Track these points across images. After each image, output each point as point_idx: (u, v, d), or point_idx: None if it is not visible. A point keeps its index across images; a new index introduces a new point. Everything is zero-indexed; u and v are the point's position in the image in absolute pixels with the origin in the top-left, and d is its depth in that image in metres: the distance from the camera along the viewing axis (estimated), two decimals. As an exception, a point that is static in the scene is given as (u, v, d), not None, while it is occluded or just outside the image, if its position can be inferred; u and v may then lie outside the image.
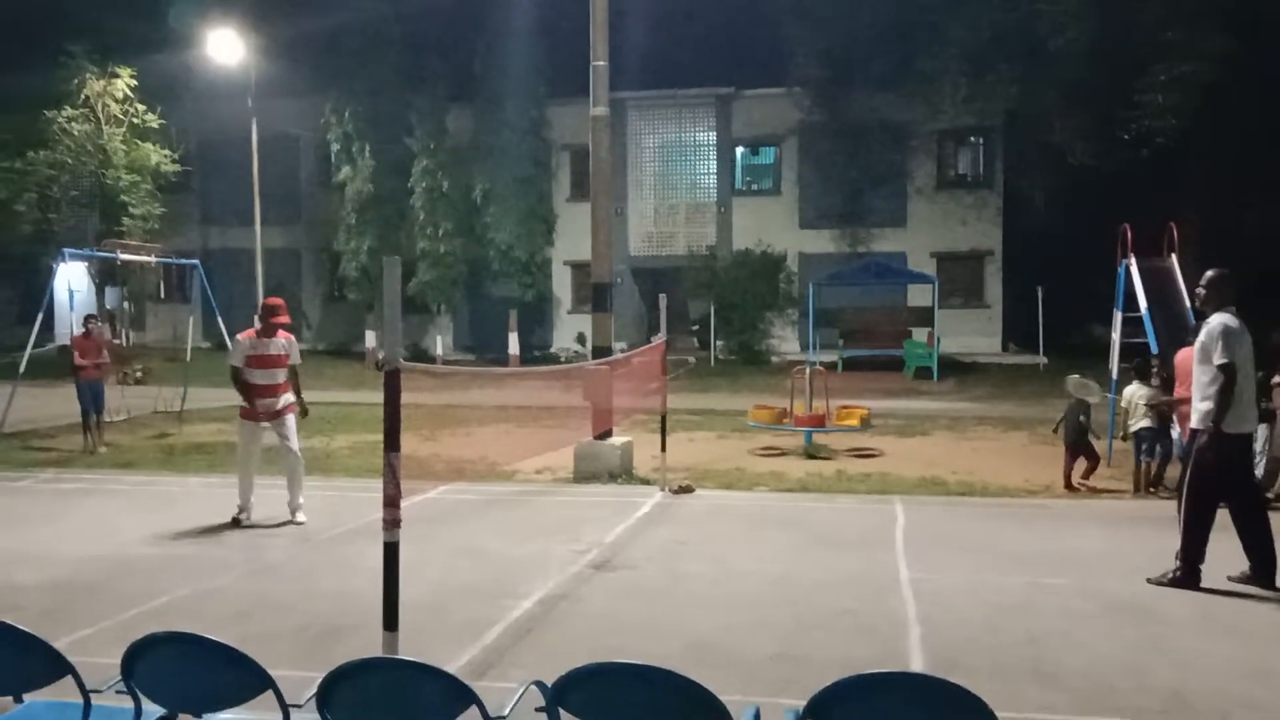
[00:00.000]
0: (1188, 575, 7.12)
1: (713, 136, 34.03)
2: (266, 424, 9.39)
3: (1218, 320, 7.05)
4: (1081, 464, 11.31)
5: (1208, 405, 6.99)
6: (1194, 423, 7.23)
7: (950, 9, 27.33)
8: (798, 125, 32.08)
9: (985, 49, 27.32)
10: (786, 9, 29.62)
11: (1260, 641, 6.11)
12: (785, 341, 31.18)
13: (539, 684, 3.22)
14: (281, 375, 9.43)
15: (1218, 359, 6.91)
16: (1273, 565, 7.09)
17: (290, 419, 9.49)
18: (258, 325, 9.65)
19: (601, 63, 12.62)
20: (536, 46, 30.57)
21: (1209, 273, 7.35)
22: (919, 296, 29.76)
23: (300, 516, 9.31)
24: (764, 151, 34.31)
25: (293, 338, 9.65)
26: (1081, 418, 11.29)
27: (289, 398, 9.54)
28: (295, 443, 9.48)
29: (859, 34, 28.67)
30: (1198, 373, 7.18)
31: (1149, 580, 7.24)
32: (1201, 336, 7.16)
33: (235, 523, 9.24)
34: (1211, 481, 7.08)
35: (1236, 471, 7.17)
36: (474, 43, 30.96)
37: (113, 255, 19.05)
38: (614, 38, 12.95)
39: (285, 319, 9.55)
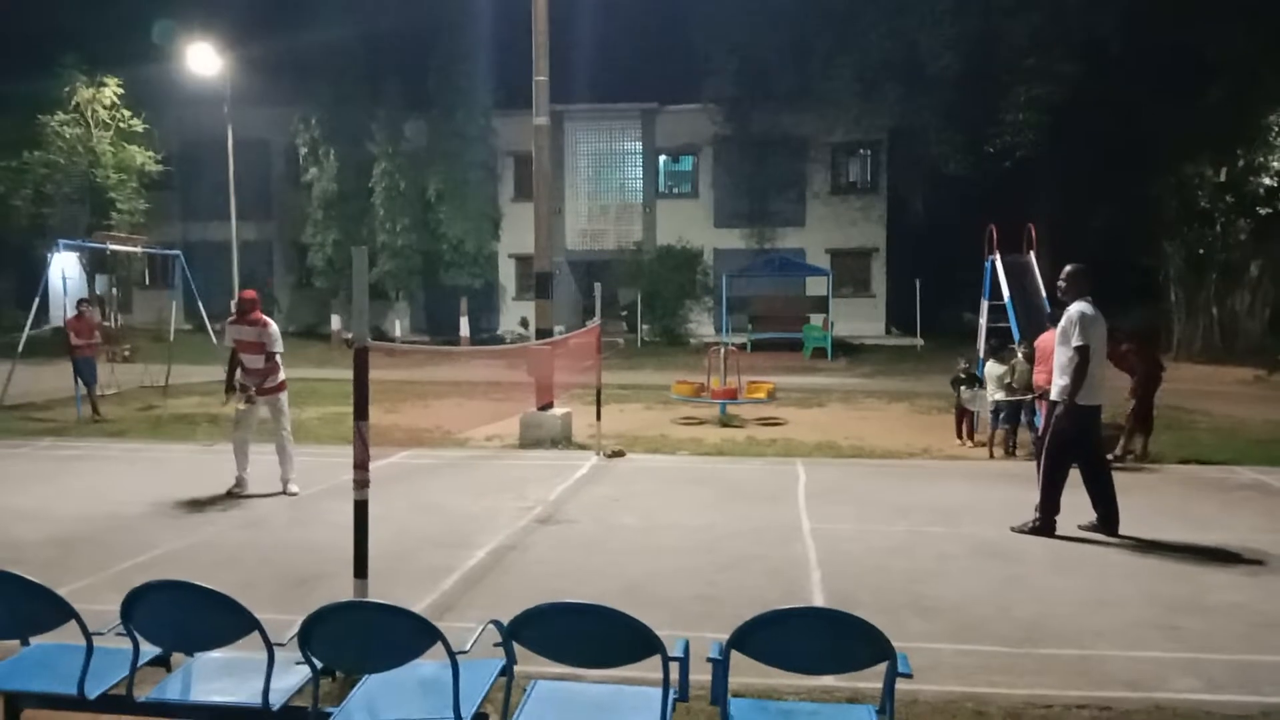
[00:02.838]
0: (1045, 524, 7.31)
1: (639, 146, 33.96)
2: (259, 401, 8.84)
3: (1076, 308, 7.16)
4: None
5: (1065, 381, 7.13)
6: (1053, 395, 7.37)
7: (843, 38, 27.55)
8: (713, 137, 32.16)
9: (873, 74, 27.61)
10: (703, 35, 29.65)
11: (1104, 579, 6.28)
12: (702, 325, 31.32)
13: (496, 622, 3.21)
14: (256, 361, 8.76)
15: (1075, 341, 7.04)
16: (1115, 517, 7.30)
17: (282, 400, 8.92)
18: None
19: (543, 78, 12.49)
20: (484, 64, 30.23)
21: (1068, 267, 7.44)
22: (816, 287, 30.02)
23: (293, 488, 8.83)
24: (683, 160, 34.30)
25: (270, 326, 8.81)
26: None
27: (277, 379, 8.90)
28: (286, 423, 8.96)
29: (765, 58, 28.83)
30: (1058, 353, 7.31)
31: (1012, 528, 7.42)
32: (1062, 322, 7.25)
33: (230, 493, 8.73)
34: (1066, 446, 7.25)
35: (1088, 437, 7.35)
36: (429, 60, 30.49)
37: (102, 246, 18.51)
38: (553, 57, 12.78)
39: (250, 310, 8.85)
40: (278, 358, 8.85)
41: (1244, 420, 14.05)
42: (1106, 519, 7.29)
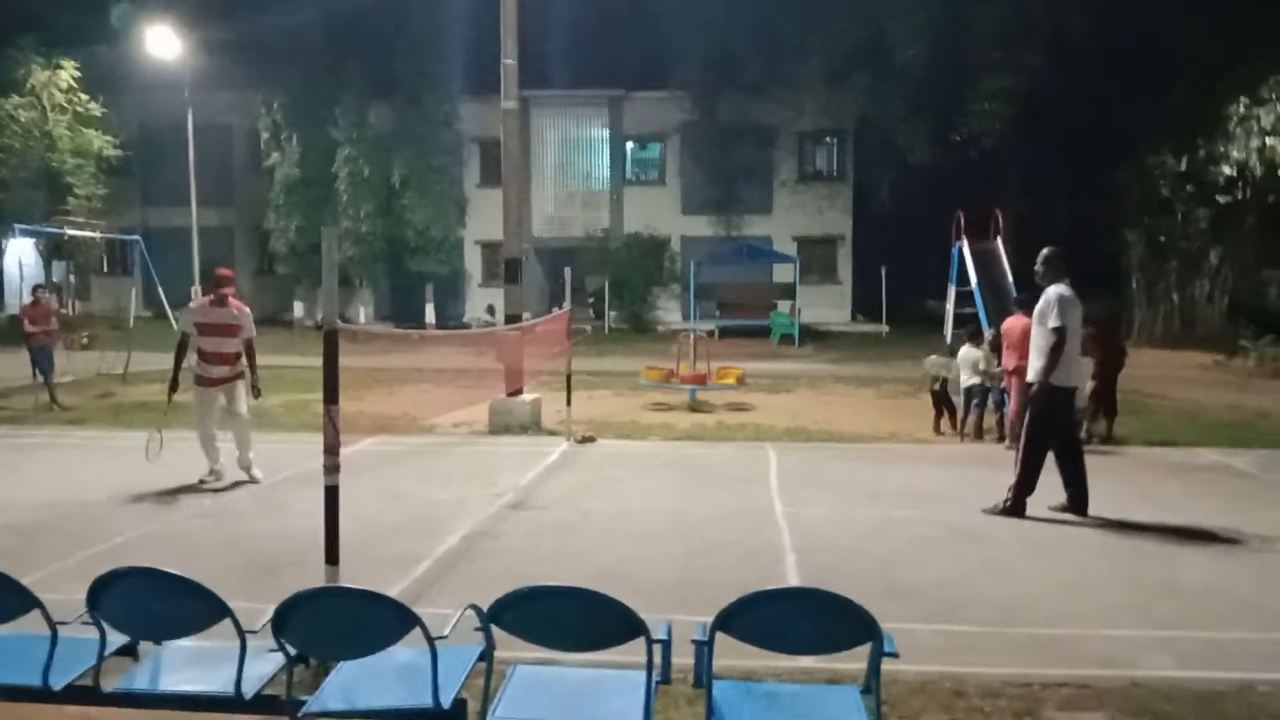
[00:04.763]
0: (1016, 505, 7.34)
1: (606, 133, 33.79)
2: (217, 389, 8.57)
3: (1054, 290, 7.16)
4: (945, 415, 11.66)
5: (1041, 361, 7.14)
6: (1029, 376, 7.37)
7: (811, 26, 27.59)
8: (680, 124, 32.10)
9: (841, 62, 27.70)
10: (671, 22, 29.54)
11: (1076, 560, 6.33)
12: (669, 312, 31.30)
13: (475, 607, 3.14)
14: (230, 345, 8.52)
15: (1052, 323, 7.05)
16: (1085, 498, 7.34)
17: (239, 385, 8.63)
18: (210, 295, 8.63)
19: (511, 61, 12.35)
20: (450, 48, 29.98)
21: (1045, 251, 7.42)
22: (783, 274, 30.11)
23: (256, 472, 8.59)
24: (651, 147, 34.19)
25: (245, 309, 8.59)
26: (938, 382, 11.67)
27: (237, 367, 8.63)
28: (243, 407, 8.61)
29: (733, 45, 28.79)
30: (1034, 334, 7.30)
31: (984, 510, 7.44)
32: (1040, 303, 7.24)
33: (201, 483, 8.41)
34: (1044, 427, 7.24)
35: (1061, 418, 7.37)
36: (395, 43, 30.14)
37: (60, 231, 18.12)
38: (520, 43, 12.60)
39: (229, 289, 8.51)
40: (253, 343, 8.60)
41: (1205, 404, 14.27)
42: (1076, 500, 7.34)
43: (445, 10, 29.33)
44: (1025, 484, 7.32)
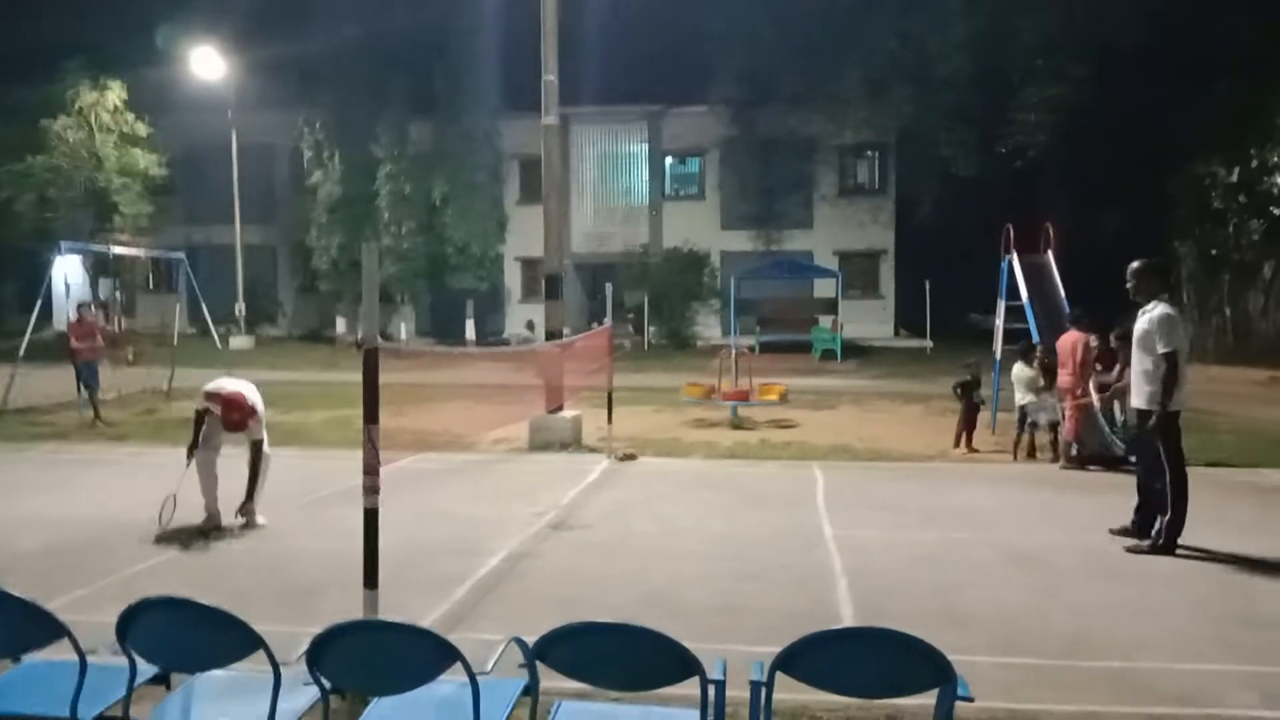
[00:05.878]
0: (1171, 542, 6.74)
1: (645, 148, 33.73)
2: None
3: (1159, 311, 6.66)
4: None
5: (1153, 389, 6.63)
6: (1141, 404, 6.81)
7: (851, 39, 27.32)
8: (719, 139, 31.95)
9: (882, 75, 27.40)
10: (709, 37, 29.39)
11: (1144, 587, 6.03)
12: (709, 328, 31.04)
13: (519, 641, 2.97)
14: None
15: (1161, 348, 6.56)
16: (1153, 524, 6.93)
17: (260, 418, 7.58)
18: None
19: (551, 77, 12.27)
20: (490, 66, 30.05)
21: (1134, 264, 6.90)
22: (824, 289, 29.79)
23: (260, 519, 7.58)
24: (690, 161, 34.06)
25: (259, 418, 7.54)
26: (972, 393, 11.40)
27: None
28: (262, 435, 7.58)
29: (773, 59, 28.56)
30: (1139, 359, 6.76)
31: (1128, 550, 6.82)
32: (1144, 324, 6.72)
33: (203, 534, 7.37)
34: (1181, 452, 6.74)
35: (1170, 441, 6.79)
36: (434, 62, 30.31)
37: (105, 249, 18.30)
38: (559, 59, 12.56)
39: (239, 420, 7.43)
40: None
41: (1263, 421, 13.80)
42: (1145, 523, 6.97)
43: (485, 28, 29.42)
44: (1178, 519, 6.74)
